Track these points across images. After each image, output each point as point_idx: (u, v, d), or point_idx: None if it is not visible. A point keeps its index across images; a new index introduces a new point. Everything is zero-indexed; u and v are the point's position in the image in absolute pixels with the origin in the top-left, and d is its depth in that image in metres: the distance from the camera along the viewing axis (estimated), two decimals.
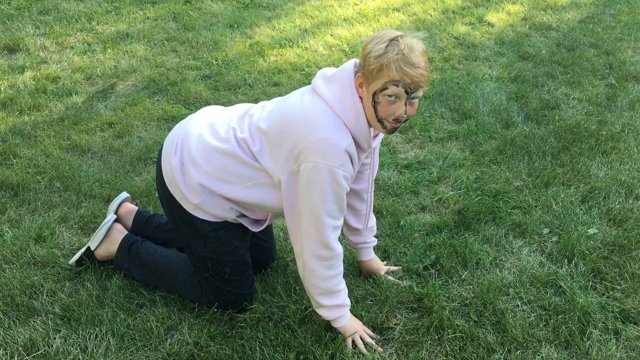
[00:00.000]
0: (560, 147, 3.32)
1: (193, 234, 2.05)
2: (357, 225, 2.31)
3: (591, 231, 2.66)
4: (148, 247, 2.31)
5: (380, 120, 1.84)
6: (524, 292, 2.32)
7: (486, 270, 2.44)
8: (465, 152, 3.32)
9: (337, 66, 2.11)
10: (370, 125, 1.89)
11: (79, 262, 2.35)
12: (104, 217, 2.64)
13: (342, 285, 2.05)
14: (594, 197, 2.91)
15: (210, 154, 1.96)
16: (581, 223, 2.71)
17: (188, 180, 1.97)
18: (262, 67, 4.27)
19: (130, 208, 2.49)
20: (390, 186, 2.97)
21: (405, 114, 1.82)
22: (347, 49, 4.65)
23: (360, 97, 1.85)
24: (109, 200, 2.78)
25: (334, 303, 2.02)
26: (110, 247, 2.33)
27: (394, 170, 3.13)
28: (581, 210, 2.81)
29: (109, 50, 4.41)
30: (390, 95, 1.78)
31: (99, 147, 3.22)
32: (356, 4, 5.72)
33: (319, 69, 2.09)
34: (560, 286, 2.35)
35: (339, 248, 1.96)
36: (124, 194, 2.53)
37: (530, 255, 2.54)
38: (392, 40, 1.77)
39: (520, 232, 2.68)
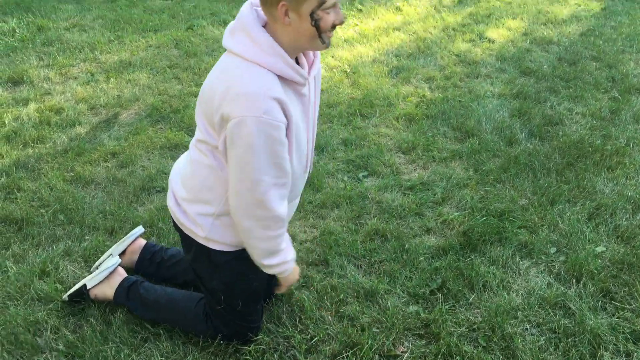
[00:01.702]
0: (564, 164, 3.29)
1: (208, 267, 2.04)
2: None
3: (599, 249, 2.63)
4: (148, 286, 2.30)
5: (320, 37, 1.72)
6: (532, 315, 2.28)
7: (494, 292, 2.41)
8: (469, 171, 3.30)
9: (338, 90, 2.07)
10: (297, 51, 1.77)
11: (72, 297, 2.33)
12: (108, 247, 2.64)
13: (284, 244, 1.92)
14: (601, 214, 2.87)
15: (187, 180, 1.95)
16: (588, 241, 2.68)
17: (189, 216, 1.97)
18: None
19: (141, 243, 2.50)
20: (394, 208, 2.96)
21: (343, 19, 1.74)
22: (349, 70, 4.66)
23: (287, 26, 1.70)
24: (112, 232, 2.79)
25: (275, 262, 1.91)
26: (108, 291, 2.31)
27: (397, 192, 3.11)
28: (588, 228, 2.78)
29: (112, 80, 4.45)
30: (328, 8, 1.68)
31: (102, 178, 3.23)
32: (356, 25, 5.75)
33: (320, 91, 2.03)
34: (570, 307, 2.31)
35: (279, 210, 1.79)
36: (141, 229, 2.53)
37: (538, 276, 2.51)
38: None
39: (527, 252, 2.65)
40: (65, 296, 2.34)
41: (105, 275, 2.32)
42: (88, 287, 2.31)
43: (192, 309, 2.18)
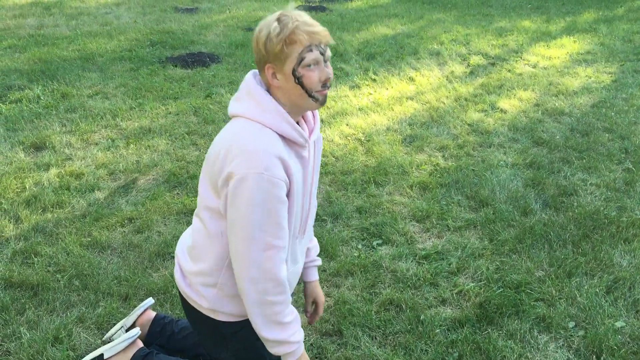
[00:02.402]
0: (580, 235, 3.28)
1: (215, 339, 2.03)
2: None
3: (618, 324, 2.58)
4: (162, 358, 2.28)
5: (310, 95, 1.73)
6: None
7: None
8: (484, 241, 3.29)
9: (352, 158, 2.08)
10: (297, 115, 1.79)
11: None
12: (122, 316, 2.64)
13: (289, 318, 1.81)
14: (619, 287, 2.84)
15: (192, 250, 1.95)
16: (607, 316, 2.64)
17: (194, 288, 1.96)
18: None
19: (150, 316, 2.49)
20: (408, 278, 2.94)
21: (330, 75, 1.74)
22: (363, 138, 4.74)
23: (279, 88, 1.74)
24: (126, 299, 2.79)
25: (279, 337, 1.80)
26: None
27: (412, 261, 3.10)
28: (606, 302, 2.74)
29: (132, 146, 4.55)
30: (309, 65, 1.70)
31: (118, 243, 3.26)
32: (370, 94, 5.88)
33: (335, 158, 2.07)
34: None
35: (277, 272, 1.73)
36: (151, 300, 2.53)
37: (557, 352, 2.45)
38: (278, 18, 1.72)
39: (545, 326, 2.60)
40: None
41: (125, 345, 2.30)
42: (105, 356, 2.30)
43: None
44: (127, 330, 2.44)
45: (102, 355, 2.31)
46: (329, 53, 1.76)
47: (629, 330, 2.53)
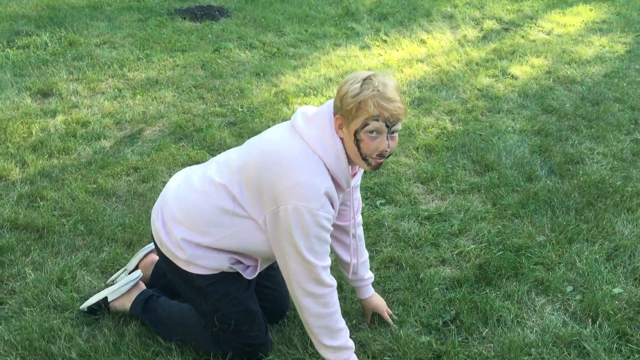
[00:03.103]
0: (584, 203, 3.28)
1: (193, 291, 2.07)
2: (347, 258, 2.28)
3: (616, 290, 2.60)
4: (163, 302, 2.32)
5: (364, 158, 1.87)
6: (546, 353, 2.26)
7: (507, 328, 2.39)
8: (487, 204, 3.30)
9: None
10: (351, 164, 1.92)
11: (91, 309, 2.36)
12: (126, 261, 2.67)
13: (342, 324, 2.02)
14: (619, 255, 2.85)
15: (187, 207, 1.99)
16: (606, 282, 2.66)
17: (172, 238, 1.99)
18: (287, 115, 4.34)
19: (153, 259, 2.52)
20: (410, 238, 2.96)
21: (388, 147, 1.85)
22: None
23: (341, 138, 1.87)
24: (130, 245, 2.82)
25: (336, 344, 1.99)
26: (126, 304, 2.34)
27: (414, 221, 3.12)
28: (606, 268, 2.75)
29: (139, 96, 4.53)
30: (371, 132, 1.82)
31: (123, 191, 3.28)
32: (380, 55, 5.81)
33: None
34: (584, 347, 2.28)
35: (332, 282, 1.96)
36: (153, 244, 2.55)
37: (553, 314, 2.48)
38: (365, 79, 1.82)
39: (543, 289, 2.63)
40: (84, 306, 2.36)
41: (127, 288, 2.34)
42: (109, 299, 2.34)
43: (202, 329, 2.19)
44: (129, 273, 2.47)
45: (106, 298, 2.35)
46: (397, 127, 1.86)
47: (626, 297, 2.56)
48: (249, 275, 2.07)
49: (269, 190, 1.84)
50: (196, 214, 1.97)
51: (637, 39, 6.59)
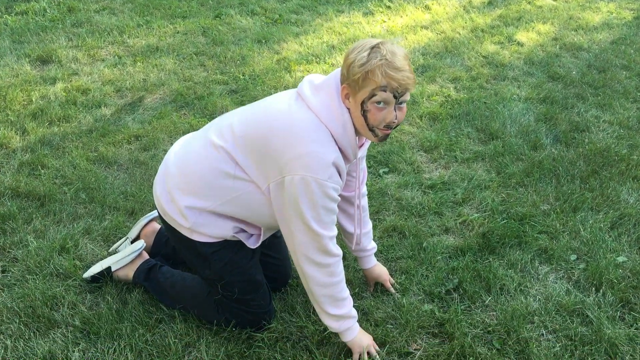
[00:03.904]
0: (589, 171, 3.25)
1: (197, 259, 2.06)
2: (351, 229, 2.27)
3: (620, 259, 2.59)
4: (165, 271, 2.31)
5: (371, 129, 1.83)
6: (549, 321, 2.26)
7: (510, 296, 2.39)
8: (492, 173, 3.27)
9: None
10: (357, 134, 1.88)
11: (94, 278, 2.35)
12: (128, 230, 2.66)
13: (346, 293, 2.01)
14: (624, 223, 2.83)
15: (189, 171, 1.96)
16: (610, 250, 2.64)
17: (175, 206, 1.97)
18: (289, 83, 4.28)
19: (155, 227, 2.51)
20: (413, 206, 2.94)
21: (396, 119, 1.81)
22: None
23: (348, 108, 1.83)
24: (132, 213, 2.81)
25: (340, 312, 1.99)
26: (129, 273, 2.33)
27: (417, 190, 3.09)
28: (610, 237, 2.74)
29: (139, 64, 4.48)
30: (379, 102, 1.77)
31: (125, 160, 3.25)
32: (384, 21, 5.72)
33: None
34: (587, 315, 2.28)
35: (338, 251, 1.93)
36: (155, 213, 2.54)
37: (556, 282, 2.48)
38: (373, 47, 1.76)
39: (546, 257, 2.62)
40: (87, 275, 2.36)
41: (131, 258, 2.34)
42: (113, 269, 2.33)
43: (205, 297, 2.18)
44: (132, 242, 2.46)
45: (109, 267, 2.34)
46: (406, 97, 1.81)
47: (630, 265, 2.54)
48: (252, 244, 2.05)
49: (274, 160, 1.81)
50: (197, 178, 1.94)
51: None
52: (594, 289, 2.42)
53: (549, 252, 2.64)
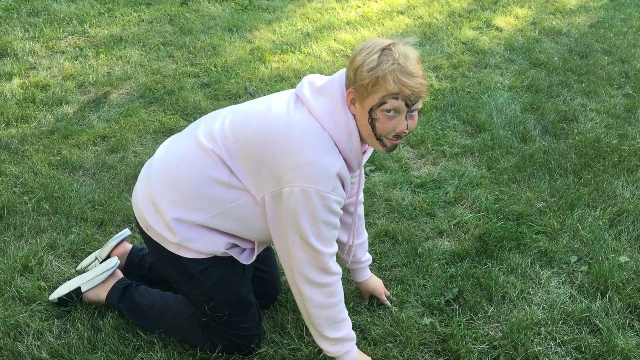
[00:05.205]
0: (582, 164, 3.13)
1: (183, 277, 1.85)
2: (344, 239, 2.07)
3: (622, 259, 2.47)
4: (143, 290, 2.09)
5: (379, 138, 1.66)
6: (556, 332, 2.12)
7: (513, 305, 2.25)
8: (482, 169, 3.12)
9: None
10: (362, 142, 1.71)
11: (62, 300, 2.12)
12: (97, 243, 2.44)
13: (345, 314, 1.85)
14: (623, 220, 2.72)
15: (176, 178, 1.75)
16: (611, 250, 2.53)
17: (161, 219, 1.75)
18: (264, 74, 4.06)
19: (126, 248, 2.28)
20: (404, 208, 2.77)
21: (407, 129, 1.64)
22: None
23: (353, 115, 1.65)
24: (101, 224, 2.58)
25: (339, 335, 1.82)
26: (101, 294, 2.11)
27: (407, 189, 2.93)
28: (610, 235, 2.62)
29: (102, 56, 4.19)
30: (389, 110, 1.60)
31: (91, 164, 3.00)
32: (359, 7, 5.51)
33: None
34: (596, 324, 2.16)
35: (338, 269, 1.77)
36: (127, 232, 2.31)
37: (559, 288, 2.35)
38: (384, 49, 1.58)
39: (547, 260, 2.49)
40: (54, 298, 2.13)
41: (104, 277, 2.11)
42: (83, 290, 2.11)
43: (188, 318, 1.98)
44: (101, 262, 2.23)
45: (78, 288, 2.12)
46: (418, 106, 1.63)
47: (634, 266, 2.43)
48: (246, 259, 1.85)
49: (271, 170, 1.62)
50: (186, 186, 1.73)
51: None
52: (599, 294, 2.30)
53: (549, 254, 2.51)
